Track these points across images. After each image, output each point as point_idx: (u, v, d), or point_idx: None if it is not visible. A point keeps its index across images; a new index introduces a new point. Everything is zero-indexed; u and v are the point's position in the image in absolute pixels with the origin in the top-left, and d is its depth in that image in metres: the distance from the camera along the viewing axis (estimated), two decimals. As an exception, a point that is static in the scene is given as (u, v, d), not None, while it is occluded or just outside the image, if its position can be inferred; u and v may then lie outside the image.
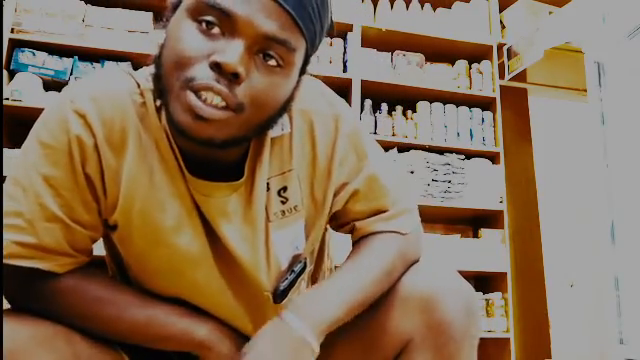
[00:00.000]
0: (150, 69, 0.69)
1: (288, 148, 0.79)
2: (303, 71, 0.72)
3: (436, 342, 0.73)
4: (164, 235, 0.74)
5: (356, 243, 0.86)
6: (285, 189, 0.79)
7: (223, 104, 0.62)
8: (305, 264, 0.84)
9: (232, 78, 0.62)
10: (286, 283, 0.81)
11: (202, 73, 0.62)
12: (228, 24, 0.62)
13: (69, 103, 0.72)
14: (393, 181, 0.85)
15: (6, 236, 0.69)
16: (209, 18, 0.62)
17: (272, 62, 0.64)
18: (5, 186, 0.72)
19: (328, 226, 0.91)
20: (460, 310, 0.74)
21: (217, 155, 0.73)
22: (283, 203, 0.79)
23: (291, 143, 0.79)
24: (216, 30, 0.63)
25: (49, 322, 0.70)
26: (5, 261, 0.69)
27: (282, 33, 0.63)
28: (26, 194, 0.70)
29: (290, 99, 0.71)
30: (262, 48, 0.64)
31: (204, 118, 0.62)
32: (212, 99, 0.61)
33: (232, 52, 0.61)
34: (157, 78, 0.67)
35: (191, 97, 0.61)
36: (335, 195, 0.82)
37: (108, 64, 2.47)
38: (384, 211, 0.84)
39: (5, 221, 0.69)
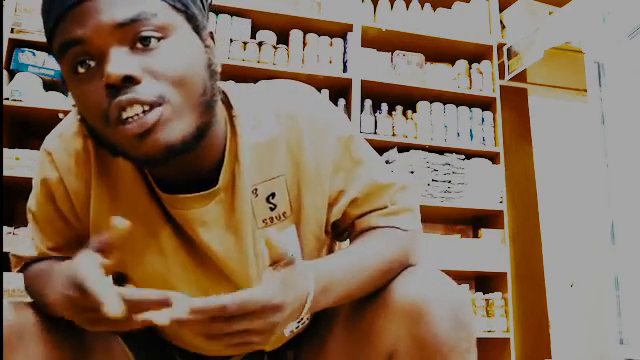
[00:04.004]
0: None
1: (276, 153, 0.76)
2: (198, 30, 0.68)
3: (421, 355, 0.69)
4: (137, 257, 0.77)
5: (356, 237, 0.83)
6: (274, 195, 0.77)
7: (146, 107, 0.61)
8: None
9: (130, 84, 0.60)
10: None
11: (108, 103, 0.61)
12: (90, 48, 0.61)
13: (44, 143, 0.79)
14: (392, 181, 0.82)
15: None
16: (78, 58, 0.62)
17: (153, 42, 0.62)
18: None
19: (336, 241, 0.90)
20: (448, 322, 0.68)
21: (189, 166, 0.71)
22: (272, 210, 0.77)
23: (279, 148, 0.76)
24: (92, 63, 0.62)
25: None
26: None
27: (129, 11, 0.61)
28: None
29: (210, 59, 0.69)
30: (132, 38, 0.62)
31: (146, 132, 0.61)
32: (133, 112, 0.61)
33: (110, 64, 0.60)
34: (99, 142, 0.68)
35: (120, 129, 0.61)
36: (332, 204, 0.80)
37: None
38: (383, 208, 0.81)
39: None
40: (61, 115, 2.15)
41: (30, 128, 2.46)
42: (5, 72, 2.36)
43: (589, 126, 2.64)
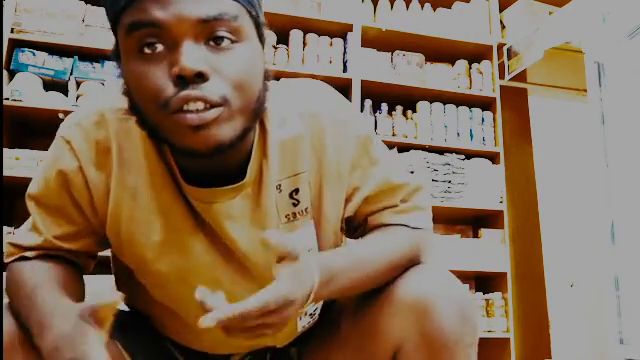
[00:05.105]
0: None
1: (300, 151, 0.78)
2: (262, 39, 0.71)
3: (428, 350, 0.71)
4: (156, 252, 0.76)
5: (367, 234, 0.84)
6: (297, 191, 0.78)
7: (208, 106, 0.62)
8: None
9: (199, 80, 0.62)
10: None
11: (173, 91, 0.62)
12: (165, 34, 0.62)
13: (60, 131, 0.77)
14: (405, 181, 0.84)
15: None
16: (147, 40, 0.63)
17: (226, 42, 0.64)
18: None
19: (345, 237, 0.91)
20: (453, 317, 0.71)
21: (222, 161, 0.72)
22: (295, 205, 0.78)
23: (303, 146, 0.78)
24: (160, 47, 0.63)
25: None
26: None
27: (213, 8, 0.63)
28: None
29: (267, 70, 0.71)
30: (208, 34, 0.63)
31: (202, 126, 0.62)
32: (195, 107, 0.62)
33: (185, 56, 0.61)
34: (142, 122, 0.68)
35: (178, 117, 0.62)
36: (347, 200, 0.81)
37: (108, 64, 2.47)
38: (394, 206, 0.83)
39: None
40: (61, 115, 2.16)
41: (30, 128, 2.46)
42: (5, 72, 2.36)
43: (589, 126, 2.65)
